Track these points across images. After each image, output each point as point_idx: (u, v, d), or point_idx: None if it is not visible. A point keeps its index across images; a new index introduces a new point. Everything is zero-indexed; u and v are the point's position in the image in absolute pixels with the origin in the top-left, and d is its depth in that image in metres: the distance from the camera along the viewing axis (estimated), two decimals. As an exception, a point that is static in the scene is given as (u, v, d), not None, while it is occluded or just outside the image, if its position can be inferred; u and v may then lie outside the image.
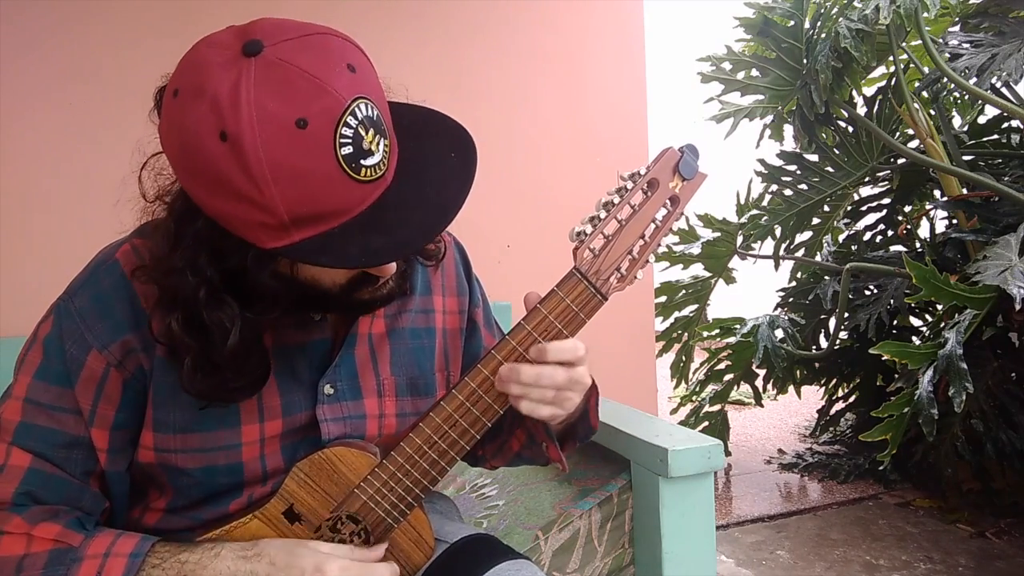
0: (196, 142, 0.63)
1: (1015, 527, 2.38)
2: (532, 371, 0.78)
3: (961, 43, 2.47)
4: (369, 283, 0.79)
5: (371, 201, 0.68)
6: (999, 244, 2.04)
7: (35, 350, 0.79)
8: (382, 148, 0.67)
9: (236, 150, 0.61)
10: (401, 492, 0.82)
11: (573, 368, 0.80)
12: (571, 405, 0.82)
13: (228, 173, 0.62)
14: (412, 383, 0.91)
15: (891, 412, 1.91)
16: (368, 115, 0.66)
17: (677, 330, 3.19)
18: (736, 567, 2.20)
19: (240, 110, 0.61)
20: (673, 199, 0.80)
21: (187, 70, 0.66)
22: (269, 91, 0.62)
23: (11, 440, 0.76)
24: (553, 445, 0.92)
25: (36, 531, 0.74)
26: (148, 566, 0.74)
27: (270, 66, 0.63)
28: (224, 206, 0.66)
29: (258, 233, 0.66)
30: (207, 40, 0.68)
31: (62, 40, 1.70)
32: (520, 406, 0.79)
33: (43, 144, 1.69)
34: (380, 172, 0.68)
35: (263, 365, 0.78)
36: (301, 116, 0.62)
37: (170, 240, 0.72)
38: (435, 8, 2.12)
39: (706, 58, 2.75)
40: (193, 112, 0.63)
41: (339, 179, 0.64)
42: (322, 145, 0.63)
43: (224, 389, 0.77)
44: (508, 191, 2.15)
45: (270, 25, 0.66)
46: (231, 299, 0.73)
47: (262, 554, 0.76)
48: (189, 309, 0.72)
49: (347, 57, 0.67)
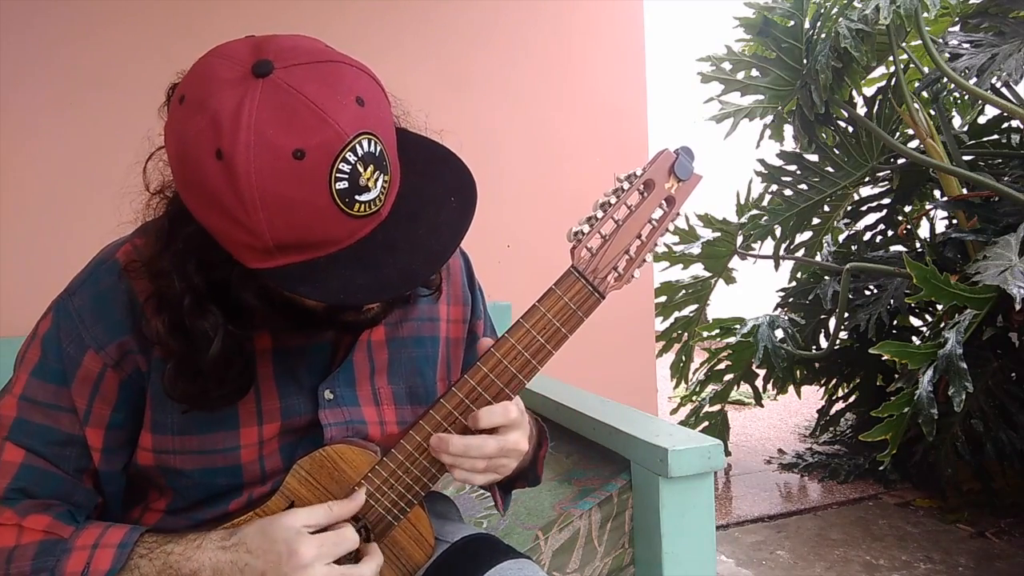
0: (192, 154, 0.63)
1: (1015, 527, 2.38)
2: (460, 443, 0.79)
3: (961, 43, 2.47)
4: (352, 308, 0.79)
5: (362, 235, 0.67)
6: (999, 244, 2.04)
7: (34, 347, 0.79)
8: (380, 184, 0.66)
9: (229, 171, 0.61)
10: (401, 490, 0.83)
11: (506, 435, 0.80)
12: (506, 471, 0.83)
13: (218, 191, 0.62)
14: (412, 392, 0.91)
15: (891, 412, 1.92)
16: (370, 151, 0.64)
17: (677, 330, 3.19)
18: (736, 567, 2.20)
19: (239, 133, 0.61)
20: (669, 200, 0.81)
21: (196, 80, 0.66)
22: (271, 117, 0.61)
23: (6, 436, 0.77)
24: (494, 489, 0.95)
25: (26, 522, 0.75)
26: (136, 556, 0.75)
27: (277, 91, 0.62)
28: (213, 220, 0.66)
29: (243, 252, 0.67)
30: (221, 50, 0.67)
31: (63, 42, 1.71)
32: (454, 474, 0.80)
33: (43, 144, 1.69)
34: (375, 208, 0.67)
35: (245, 376, 0.78)
36: (299, 147, 0.61)
37: (162, 239, 0.73)
38: (436, 9, 2.12)
39: (706, 58, 2.76)
40: (194, 124, 0.63)
41: (331, 212, 0.64)
42: (317, 178, 0.62)
43: (204, 397, 0.77)
44: (508, 191, 2.16)
45: (285, 45, 0.65)
46: (216, 309, 0.73)
47: (239, 542, 0.76)
48: (175, 313, 0.72)
49: (358, 89, 0.65)
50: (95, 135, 1.71)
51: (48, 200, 1.69)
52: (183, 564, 0.75)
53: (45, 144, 1.69)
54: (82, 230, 1.40)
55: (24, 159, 1.67)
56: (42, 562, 0.74)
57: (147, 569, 0.75)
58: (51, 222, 1.69)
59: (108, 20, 1.74)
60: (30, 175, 1.68)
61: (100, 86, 1.73)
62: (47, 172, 1.70)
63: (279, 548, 0.74)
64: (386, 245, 0.68)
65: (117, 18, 1.75)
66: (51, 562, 0.74)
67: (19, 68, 1.67)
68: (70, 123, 1.71)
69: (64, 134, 1.70)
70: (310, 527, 0.76)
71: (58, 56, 1.70)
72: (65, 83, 1.71)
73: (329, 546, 0.76)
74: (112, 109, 1.71)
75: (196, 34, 1.60)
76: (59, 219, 1.69)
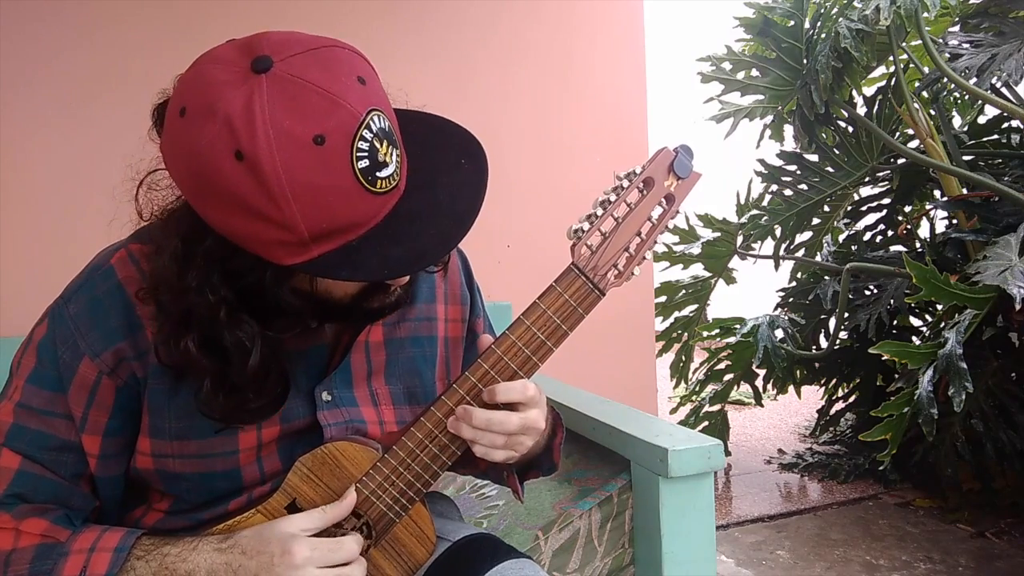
0: (209, 162, 0.62)
1: (1015, 527, 2.38)
2: (482, 417, 0.78)
3: (961, 43, 2.47)
4: (381, 291, 0.80)
5: (386, 212, 0.68)
6: (999, 244, 2.04)
7: (29, 354, 0.79)
8: (395, 159, 0.67)
9: (254, 169, 0.61)
10: (403, 487, 0.83)
11: (526, 411, 0.80)
12: (523, 449, 0.83)
13: (244, 192, 0.62)
14: (410, 392, 0.91)
15: (891, 412, 1.91)
16: (381, 127, 0.65)
17: (677, 330, 3.19)
18: (736, 567, 2.20)
19: (256, 129, 0.61)
20: (668, 197, 0.82)
21: (193, 88, 0.65)
22: (284, 108, 0.61)
23: (2, 442, 0.77)
24: (512, 476, 0.94)
25: (23, 526, 0.75)
26: (132, 558, 0.75)
27: (282, 82, 0.62)
28: (239, 225, 0.65)
29: (276, 251, 0.66)
30: (209, 56, 0.67)
31: (64, 46, 1.71)
32: (474, 449, 0.80)
33: (44, 147, 1.69)
34: (394, 183, 0.68)
35: (282, 383, 0.78)
36: (318, 132, 0.62)
37: (178, 261, 0.71)
38: (436, 9, 2.12)
39: (706, 58, 2.76)
40: (205, 132, 0.62)
41: (356, 193, 0.64)
42: (340, 160, 0.63)
43: (244, 410, 0.76)
44: (508, 191, 2.16)
45: (277, 39, 0.65)
46: (247, 317, 0.72)
47: (235, 545, 0.76)
48: (206, 330, 0.72)
49: (356, 69, 0.66)
50: (95, 136, 1.71)
51: (48, 200, 1.69)
52: (179, 565, 0.75)
53: (45, 144, 1.69)
54: (82, 230, 1.40)
55: (24, 159, 1.67)
56: (39, 566, 0.74)
57: (143, 571, 0.75)
58: (51, 222, 1.69)
59: (109, 21, 1.74)
60: (30, 175, 1.68)
61: (100, 87, 1.73)
62: (47, 172, 1.70)
63: (272, 549, 0.74)
64: (411, 216, 0.69)
65: (118, 19, 1.75)
66: (48, 566, 0.74)
67: (19, 70, 1.67)
68: (70, 124, 1.71)
69: (64, 135, 1.70)
70: (305, 531, 0.77)
71: (58, 58, 1.70)
72: (65, 84, 1.71)
73: (324, 551, 0.76)
74: (112, 110, 1.70)
75: (196, 36, 1.60)
76: (59, 219, 1.69)
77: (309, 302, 0.75)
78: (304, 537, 0.76)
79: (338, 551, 0.77)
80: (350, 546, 0.78)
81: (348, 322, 0.85)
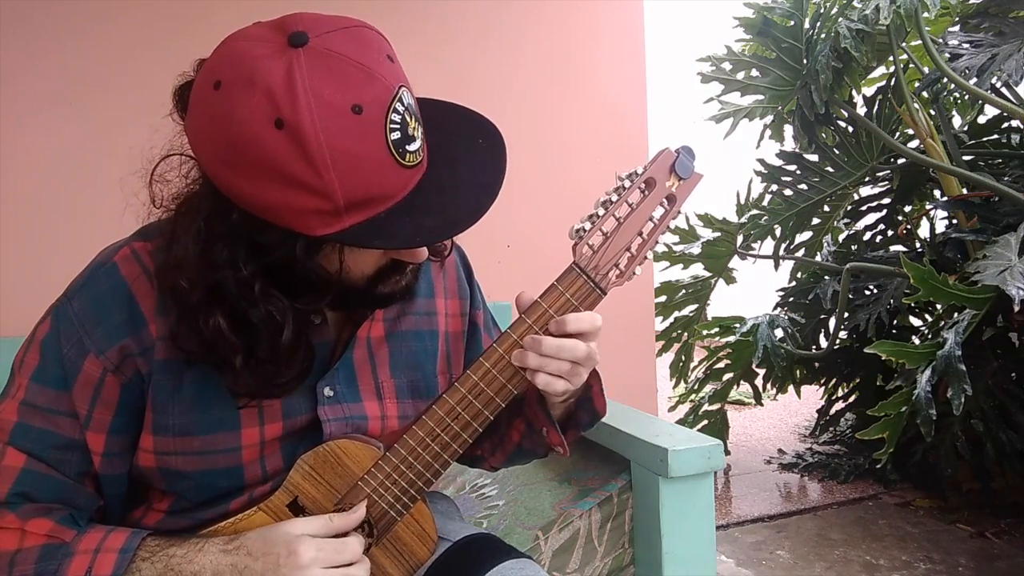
0: (247, 131, 0.63)
1: (1015, 527, 2.38)
2: (554, 343, 0.79)
3: (961, 43, 2.47)
4: (395, 273, 0.81)
5: (412, 186, 0.70)
6: (999, 244, 2.04)
7: (33, 352, 0.79)
8: (420, 134, 0.70)
9: (295, 136, 0.62)
10: (404, 485, 0.83)
11: (590, 341, 0.81)
12: (579, 381, 0.83)
13: (284, 160, 0.63)
14: (413, 385, 0.91)
15: (888, 411, 1.92)
16: (410, 102, 0.69)
17: (677, 330, 3.19)
18: (736, 567, 2.20)
19: (297, 97, 0.62)
20: (670, 198, 0.82)
21: (229, 62, 0.66)
22: (323, 78, 0.63)
23: (7, 440, 0.77)
24: (554, 429, 0.92)
25: (29, 526, 0.75)
26: (138, 559, 0.75)
27: (320, 55, 0.64)
28: (274, 195, 0.66)
29: (310, 220, 0.67)
30: (239, 35, 0.68)
31: (64, 43, 1.71)
32: (536, 379, 0.80)
33: (44, 144, 1.69)
34: (420, 158, 0.70)
35: (309, 356, 0.79)
36: (356, 102, 0.64)
37: (200, 240, 0.71)
38: (436, 9, 2.12)
39: (706, 58, 2.76)
40: (244, 102, 0.63)
41: (388, 164, 0.67)
42: (376, 130, 0.65)
43: (273, 384, 0.78)
44: (508, 191, 2.14)
45: (308, 18, 0.68)
46: (277, 291, 0.73)
47: (240, 546, 0.76)
48: (236, 305, 0.72)
49: (384, 48, 0.69)
50: (95, 134, 1.71)
51: (48, 200, 1.69)
52: (184, 567, 0.75)
53: (45, 143, 1.69)
54: (82, 230, 1.40)
55: (24, 158, 1.67)
56: (44, 566, 0.74)
57: (149, 572, 0.75)
58: (51, 222, 1.69)
59: (107, 17, 1.74)
60: (30, 174, 1.68)
61: (100, 85, 1.72)
62: (47, 171, 1.69)
63: (278, 550, 0.75)
64: (437, 189, 0.71)
65: (116, 15, 1.75)
66: (53, 566, 0.74)
67: (18, 66, 1.67)
68: (70, 122, 1.70)
69: (64, 133, 1.70)
70: (310, 535, 0.77)
71: (57, 54, 1.70)
72: (65, 81, 1.70)
73: (329, 551, 0.76)
74: (112, 108, 1.70)
75: (196, 32, 1.59)
76: (59, 219, 1.69)
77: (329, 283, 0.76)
78: (309, 538, 0.76)
79: (343, 551, 0.78)
80: (354, 546, 0.79)
81: (358, 307, 0.86)
